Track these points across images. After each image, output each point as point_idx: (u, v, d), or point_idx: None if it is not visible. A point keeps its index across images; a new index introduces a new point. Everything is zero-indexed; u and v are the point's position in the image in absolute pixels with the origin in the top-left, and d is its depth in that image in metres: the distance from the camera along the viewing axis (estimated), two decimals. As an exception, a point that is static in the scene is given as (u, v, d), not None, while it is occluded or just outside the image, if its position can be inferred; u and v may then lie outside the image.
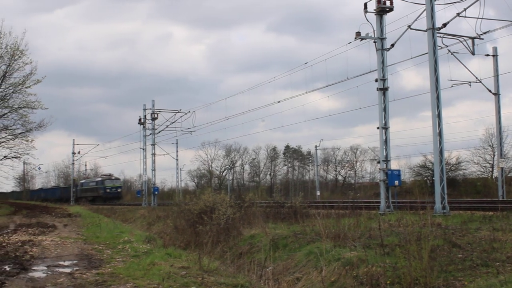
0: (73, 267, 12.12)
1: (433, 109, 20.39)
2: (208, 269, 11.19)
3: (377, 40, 23.39)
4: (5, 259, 13.33)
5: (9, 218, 36.15)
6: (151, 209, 39.89)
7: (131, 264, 12.29)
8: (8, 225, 27.83)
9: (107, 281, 9.97)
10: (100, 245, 16.80)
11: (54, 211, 46.62)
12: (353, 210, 19.55)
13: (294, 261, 13.49)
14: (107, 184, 74.74)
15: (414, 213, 17.70)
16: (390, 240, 12.67)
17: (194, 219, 20.92)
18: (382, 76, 23.28)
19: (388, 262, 10.32)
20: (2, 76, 49.72)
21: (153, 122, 52.84)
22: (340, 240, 13.64)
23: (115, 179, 78.26)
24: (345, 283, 10.40)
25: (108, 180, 76.15)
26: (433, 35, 20.68)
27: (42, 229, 23.73)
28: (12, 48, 48.65)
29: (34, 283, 9.98)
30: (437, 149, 20.21)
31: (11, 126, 52.42)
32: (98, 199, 74.35)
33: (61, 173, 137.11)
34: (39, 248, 15.75)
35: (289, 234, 16.55)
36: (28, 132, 52.79)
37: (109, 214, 40.98)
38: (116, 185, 76.09)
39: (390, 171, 22.89)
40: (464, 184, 53.94)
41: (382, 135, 23.28)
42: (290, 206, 22.02)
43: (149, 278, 10.11)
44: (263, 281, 12.03)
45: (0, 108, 51.47)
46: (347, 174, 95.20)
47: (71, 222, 29.91)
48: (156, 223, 30.04)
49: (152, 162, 53.33)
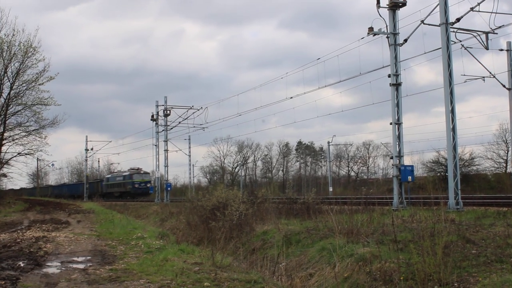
0: (86, 263, 12.17)
1: (447, 104, 20.28)
2: (221, 265, 11.19)
3: (390, 36, 23.28)
4: (19, 255, 13.41)
5: (23, 214, 36.39)
6: (163, 205, 40.00)
7: (144, 260, 12.32)
8: (22, 221, 28.00)
9: (121, 277, 10.00)
10: (113, 241, 16.86)
11: (68, 207, 46.83)
12: (366, 206, 19.48)
13: (307, 257, 13.49)
14: (135, 179, 69.71)
15: (428, 208, 17.61)
16: (404, 236, 12.63)
17: (207, 215, 20.96)
18: (395, 72, 23.17)
19: (401, 258, 10.27)
20: (15, 73, 50.02)
21: (165, 118, 52.88)
22: (353, 236, 13.61)
23: (144, 173, 72.22)
24: (358, 279, 10.38)
25: (136, 174, 70.89)
26: (446, 30, 20.56)
27: (55, 225, 23.85)
28: (25, 46, 48.90)
29: (48, 279, 10.03)
30: (451, 144, 20.11)
31: (25, 123, 52.70)
32: (125, 195, 69.48)
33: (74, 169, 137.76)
34: (53, 244, 15.83)
35: (302, 230, 16.55)
36: (41, 129, 53.03)
37: (122, 210, 41.12)
38: (145, 180, 70.47)
39: (403, 167, 22.80)
40: (477, 179, 53.67)
41: (395, 130, 23.19)
42: (302, 202, 22.01)
43: (162, 274, 10.14)
44: (276, 277, 12.03)
45: (14, 105, 51.77)
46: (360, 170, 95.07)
47: (84, 218, 30.04)
48: (169, 219, 30.12)
49: (165, 158, 53.41)
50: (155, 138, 54.12)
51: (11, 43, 48.45)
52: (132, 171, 72.61)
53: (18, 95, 51.24)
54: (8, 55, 48.69)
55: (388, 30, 23.34)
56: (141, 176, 70.65)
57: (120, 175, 76.49)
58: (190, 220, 22.88)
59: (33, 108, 51.73)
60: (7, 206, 48.27)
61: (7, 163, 55.66)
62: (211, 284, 9.19)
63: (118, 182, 75.05)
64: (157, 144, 54.09)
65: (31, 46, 49.14)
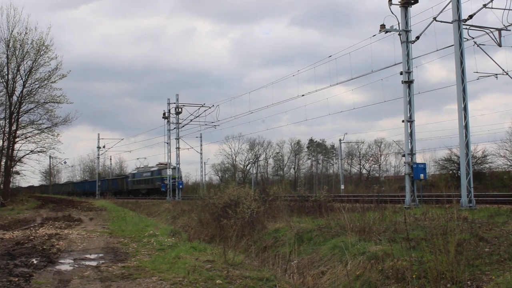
0: (99, 260, 12.24)
1: (459, 102, 20.17)
2: (233, 262, 11.22)
3: (402, 33, 23.18)
4: (32, 252, 13.51)
5: (36, 211, 36.60)
6: (175, 203, 40.06)
7: (157, 257, 12.37)
8: (35, 218, 28.18)
9: (133, 274, 10.06)
10: (125, 239, 16.94)
11: (80, 205, 47.07)
12: (378, 204, 19.44)
13: (319, 255, 13.47)
14: (165, 175, 62.75)
15: (440, 206, 17.55)
16: (416, 234, 12.58)
17: (219, 212, 20.97)
18: (407, 69, 23.07)
19: (414, 256, 10.24)
20: (28, 71, 50.31)
21: (177, 116, 52.99)
22: (365, 234, 13.59)
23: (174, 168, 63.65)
24: (370, 277, 10.36)
25: (166, 169, 63.34)
26: (459, 27, 20.45)
27: (68, 223, 24.00)
28: (38, 44, 49.23)
29: (61, 276, 10.09)
30: (463, 142, 20.01)
31: (37, 121, 53.09)
32: (153, 192, 65.91)
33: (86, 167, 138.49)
34: (65, 242, 15.93)
35: (313, 227, 16.54)
36: (54, 127, 53.42)
37: (134, 208, 41.27)
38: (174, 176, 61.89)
39: (415, 165, 22.70)
40: (490, 177, 53.40)
41: (407, 128, 23.08)
42: (314, 200, 21.99)
43: (175, 272, 10.17)
44: (288, 274, 12.05)
45: (27, 103, 52.14)
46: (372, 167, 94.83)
47: (97, 216, 30.18)
48: (181, 217, 30.18)
49: (177, 156, 53.58)
50: (167, 135, 54.32)
51: (24, 41, 48.80)
52: (161, 166, 67.20)
53: (31, 93, 51.62)
54: (21, 53, 49.02)
55: (400, 27, 23.23)
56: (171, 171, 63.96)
57: (148, 171, 71.05)
58: (202, 217, 22.90)
59: (45, 106, 52.14)
60: (20, 204, 48.59)
61: (20, 160, 56.04)
62: (223, 282, 9.22)
63: (145, 178, 70.11)
64: (168, 142, 54.32)
65: (43, 44, 49.49)
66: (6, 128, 51.12)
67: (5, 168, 52.49)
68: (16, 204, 46.88)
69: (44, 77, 51.06)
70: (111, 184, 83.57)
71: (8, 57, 48.85)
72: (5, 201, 44.07)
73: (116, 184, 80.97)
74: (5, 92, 49.97)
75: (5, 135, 51.23)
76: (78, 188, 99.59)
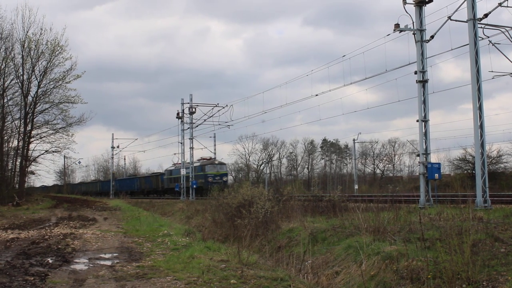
0: (114, 260, 12.29)
1: (474, 101, 20.05)
2: (248, 262, 11.22)
3: (416, 32, 23.07)
4: (47, 251, 13.59)
5: (51, 211, 36.82)
6: (189, 203, 40.13)
7: (171, 257, 12.40)
8: (50, 218, 28.34)
9: (148, 274, 10.09)
10: (140, 238, 17.00)
11: (94, 205, 47.31)
12: (393, 204, 19.36)
13: (333, 255, 13.45)
14: (208, 171, 56.85)
15: (455, 206, 17.45)
16: (431, 234, 12.51)
17: (233, 212, 20.98)
18: (422, 68, 22.96)
19: (428, 256, 10.19)
20: (43, 71, 50.67)
21: (191, 116, 53.01)
22: (379, 234, 13.53)
23: (219, 164, 59.22)
24: (385, 277, 10.33)
25: (209, 165, 57.97)
26: (474, 26, 20.33)
27: (83, 222, 24.12)
28: (53, 44, 49.58)
29: (76, 275, 10.15)
30: (478, 142, 19.89)
31: (52, 121, 53.50)
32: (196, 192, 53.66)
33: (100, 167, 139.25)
34: (80, 241, 16.01)
35: (327, 227, 16.51)
36: (68, 127, 53.84)
37: (148, 207, 41.41)
38: (220, 172, 57.70)
39: (430, 164, 22.59)
40: (505, 177, 53.06)
41: (422, 128, 22.97)
42: (328, 200, 21.93)
43: (189, 271, 10.19)
44: (302, 274, 12.03)
45: (42, 103, 52.54)
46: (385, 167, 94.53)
47: (111, 216, 30.32)
48: (195, 217, 30.24)
49: (190, 156, 53.55)
50: (181, 135, 54.34)
51: (39, 42, 49.16)
52: (203, 161, 59.88)
53: (46, 93, 52.04)
54: (36, 53, 49.41)
55: (414, 27, 23.14)
56: (215, 167, 57.90)
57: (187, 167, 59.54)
58: (216, 217, 22.93)
59: (60, 106, 52.58)
60: (35, 203, 48.89)
61: (34, 160, 56.45)
62: (238, 282, 9.23)
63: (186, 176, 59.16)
64: (182, 142, 54.35)
65: (58, 44, 49.88)
66: (21, 128, 51.56)
67: (20, 168, 52.88)
68: (31, 203, 47.19)
69: (59, 78, 51.48)
70: (144, 183, 76.63)
71: (23, 57, 49.27)
72: (20, 201, 44.38)
73: (149, 183, 73.91)
74: (20, 93, 50.42)
75: (20, 135, 51.67)
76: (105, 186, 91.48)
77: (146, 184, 75.28)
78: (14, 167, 54.00)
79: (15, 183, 52.91)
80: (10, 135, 53.44)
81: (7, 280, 9.45)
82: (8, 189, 47.60)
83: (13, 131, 53.30)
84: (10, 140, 53.89)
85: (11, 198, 44.25)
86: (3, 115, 49.61)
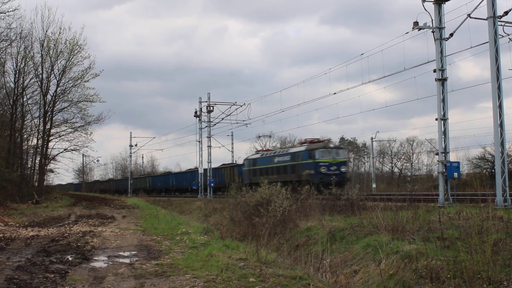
0: (132, 258, 12.35)
1: (494, 99, 19.89)
2: (266, 261, 11.21)
3: (435, 30, 22.92)
4: (67, 249, 13.68)
5: (70, 209, 37.09)
6: (207, 201, 40.19)
7: (190, 255, 12.43)
8: (69, 216, 28.53)
9: (167, 272, 10.12)
10: (158, 236, 17.05)
11: (113, 203, 47.53)
12: (411, 203, 19.27)
13: (352, 254, 13.41)
14: (320, 158, 38.18)
15: (474, 206, 17.33)
16: (450, 233, 12.44)
17: (250, 211, 20.99)
18: (441, 66, 22.80)
19: (448, 256, 10.13)
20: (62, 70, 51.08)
21: (208, 114, 53.00)
22: (398, 233, 13.48)
23: (335, 149, 40.51)
24: (404, 276, 10.28)
25: (322, 150, 38.80)
26: (494, 24, 20.17)
27: (101, 220, 24.25)
28: (71, 43, 49.97)
29: (95, 273, 10.20)
30: (498, 140, 19.74)
31: (71, 120, 53.94)
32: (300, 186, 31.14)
33: (118, 165, 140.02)
34: (99, 239, 16.09)
35: (346, 226, 16.47)
36: (87, 125, 54.28)
37: (166, 206, 41.56)
38: (338, 160, 38.76)
39: (449, 163, 22.44)
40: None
41: (441, 126, 22.81)
42: (346, 199, 21.87)
43: (208, 269, 10.21)
44: (320, 273, 12.01)
45: (61, 102, 52.99)
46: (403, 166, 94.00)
47: (129, 214, 30.45)
48: (213, 215, 30.29)
49: (208, 154, 53.53)
50: (198, 134, 54.35)
51: (58, 41, 49.56)
52: (311, 145, 40.54)
53: (65, 92, 52.52)
54: (55, 52, 49.82)
55: (433, 25, 22.99)
56: (330, 153, 38.84)
57: (284, 153, 43.67)
58: (234, 216, 22.96)
59: (79, 104, 53.01)
60: (54, 201, 49.27)
61: (54, 158, 56.93)
62: (257, 280, 9.22)
63: (280, 165, 43.10)
64: (200, 140, 54.35)
65: (77, 43, 50.30)
66: (40, 126, 52.06)
67: (40, 166, 53.36)
68: (50, 201, 47.54)
69: (78, 76, 51.89)
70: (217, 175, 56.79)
71: (42, 56, 49.70)
72: (40, 199, 44.74)
73: (220, 177, 56.74)
74: (40, 91, 50.87)
75: (39, 134, 52.16)
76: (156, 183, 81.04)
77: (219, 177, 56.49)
78: (33, 165, 54.59)
79: (35, 181, 53.39)
80: (30, 134, 54.06)
81: (28, 277, 9.53)
82: (28, 187, 48.05)
83: (32, 129, 53.89)
84: (29, 139, 54.55)
85: (30, 196, 44.63)
86: (23, 114, 50.11)
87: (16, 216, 28.48)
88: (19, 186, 44.88)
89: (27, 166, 53.67)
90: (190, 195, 60.41)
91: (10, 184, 40.03)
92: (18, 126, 49.16)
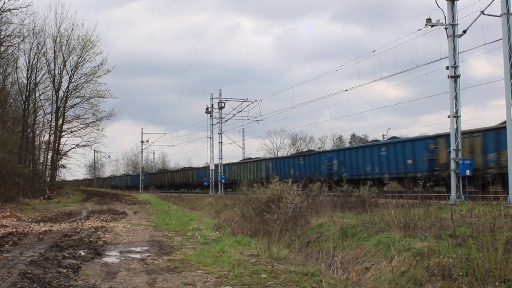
0: (144, 253, 12.41)
1: (507, 97, 19.76)
2: (278, 257, 11.22)
3: (448, 27, 22.80)
4: (79, 244, 13.77)
5: (81, 204, 37.28)
6: (218, 197, 40.26)
7: (201, 251, 12.47)
8: (81, 211, 28.69)
9: (179, 268, 10.16)
10: (170, 232, 17.12)
11: (124, 198, 47.74)
12: (423, 200, 19.21)
13: (363, 251, 13.40)
14: None
15: (487, 203, 17.26)
16: (462, 230, 12.40)
17: (262, 207, 21.01)
18: (454, 64, 22.69)
19: (460, 253, 10.10)
20: (74, 66, 51.33)
21: (220, 111, 53.01)
22: (410, 230, 13.44)
23: None
24: (416, 273, 10.27)
25: None
26: (507, 20, 20.04)
27: (113, 216, 24.39)
28: (84, 39, 50.22)
29: (108, 268, 10.26)
30: (511, 138, 19.62)
31: (83, 115, 54.26)
32: None
33: (129, 161, 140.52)
34: (111, 234, 16.18)
35: (357, 223, 16.45)
36: (98, 121, 54.63)
37: (177, 201, 41.63)
38: None
39: (461, 161, 22.35)
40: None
41: (453, 123, 22.70)
42: (358, 195, 21.85)
43: (220, 265, 10.24)
44: (332, 270, 12.01)
45: (73, 98, 53.30)
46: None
47: (141, 209, 30.58)
48: (224, 211, 30.32)
49: (219, 150, 53.59)
50: (210, 130, 54.39)
51: (71, 37, 49.84)
52: None
53: (77, 87, 52.86)
54: (67, 49, 50.12)
55: (446, 21, 22.87)
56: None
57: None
58: (245, 212, 22.99)
59: (90, 100, 53.32)
60: (66, 197, 49.56)
61: (65, 154, 57.26)
62: (268, 276, 9.23)
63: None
64: (211, 137, 54.42)
65: (89, 40, 50.61)
66: (52, 122, 52.41)
67: (52, 161, 53.67)
68: (62, 197, 47.83)
69: (90, 72, 52.20)
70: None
71: (55, 52, 50.04)
72: (52, 194, 45.01)
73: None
74: (52, 87, 51.20)
75: (51, 129, 52.49)
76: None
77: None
78: (45, 160, 54.98)
79: (47, 177, 53.69)
80: (42, 129, 54.44)
81: (41, 272, 9.60)
82: (40, 183, 48.37)
83: (44, 125, 54.28)
84: (41, 134, 54.94)
85: (42, 191, 44.93)
86: (35, 109, 50.41)
87: (29, 211, 28.69)
88: (31, 181, 45.18)
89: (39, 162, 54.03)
90: (200, 191, 60.29)
91: (23, 180, 40.30)
92: (30, 122, 49.47)
